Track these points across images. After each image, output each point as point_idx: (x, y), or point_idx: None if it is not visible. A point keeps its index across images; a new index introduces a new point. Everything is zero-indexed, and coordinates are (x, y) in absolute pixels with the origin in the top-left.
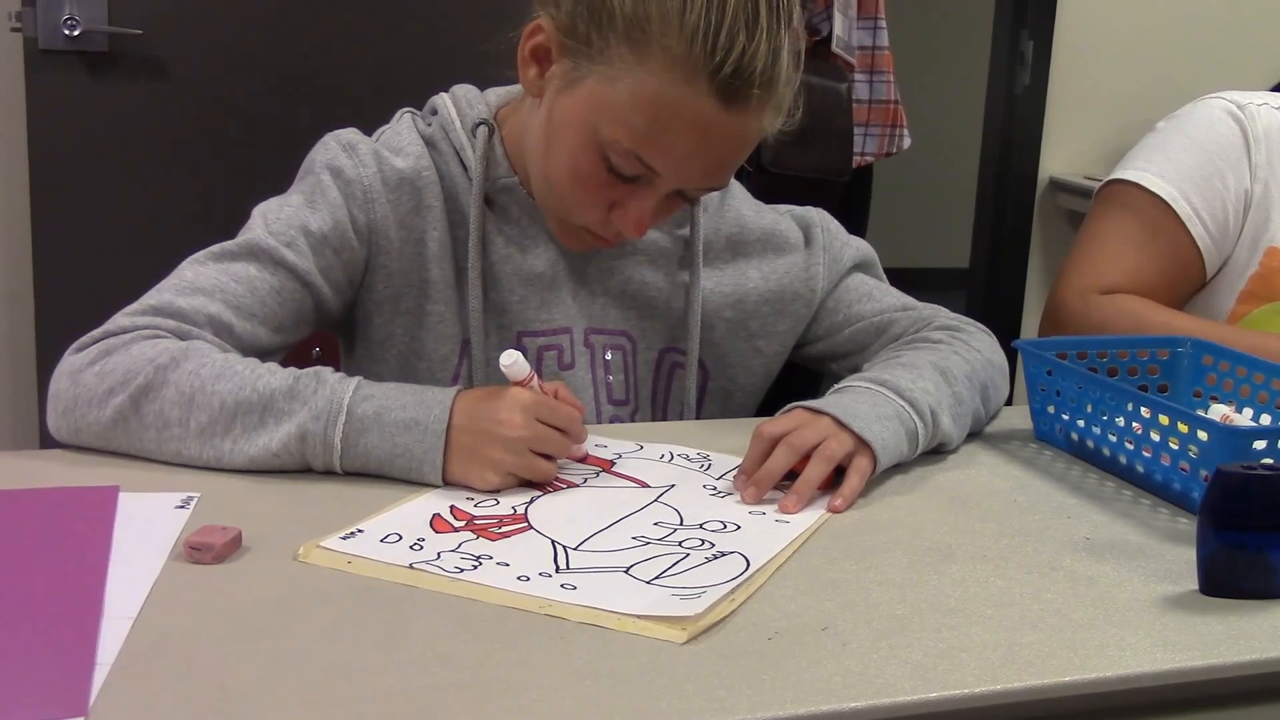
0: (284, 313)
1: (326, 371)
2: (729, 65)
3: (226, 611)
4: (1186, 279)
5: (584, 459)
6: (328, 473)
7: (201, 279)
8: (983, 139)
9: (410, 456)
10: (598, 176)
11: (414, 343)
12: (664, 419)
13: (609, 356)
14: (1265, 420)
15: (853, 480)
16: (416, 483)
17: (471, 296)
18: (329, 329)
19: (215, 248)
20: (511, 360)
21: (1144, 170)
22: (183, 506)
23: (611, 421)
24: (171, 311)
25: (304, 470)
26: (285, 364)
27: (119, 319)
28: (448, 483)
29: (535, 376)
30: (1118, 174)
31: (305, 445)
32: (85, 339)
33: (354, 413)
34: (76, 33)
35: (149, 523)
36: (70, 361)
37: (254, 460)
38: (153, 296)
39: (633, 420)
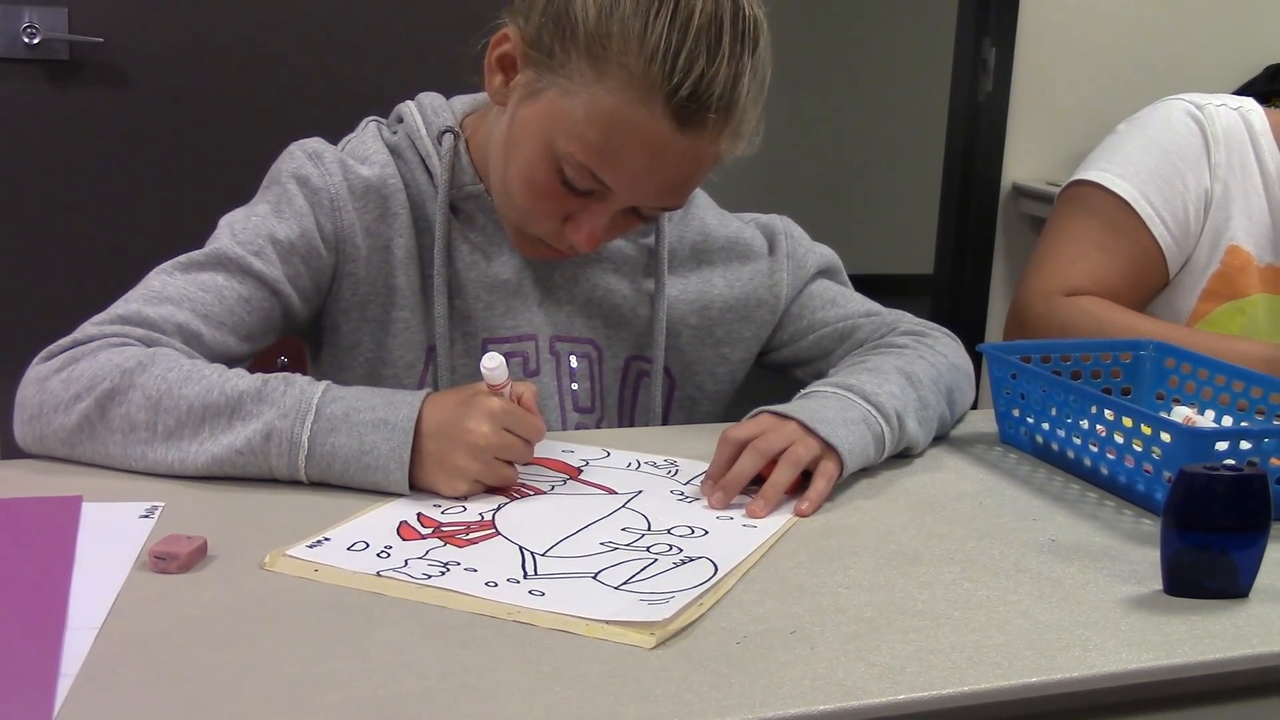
0: (252, 321)
1: (296, 375)
2: (686, 88)
3: (192, 621)
4: (1149, 279)
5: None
6: (291, 481)
7: (169, 288)
8: (946, 145)
9: (377, 454)
10: (552, 188)
11: (380, 350)
12: (631, 428)
13: (574, 364)
14: (1227, 422)
15: (819, 484)
16: (382, 487)
17: (437, 304)
18: (296, 335)
19: (182, 258)
20: (495, 364)
21: (1105, 171)
22: (147, 516)
23: (578, 429)
24: (140, 320)
25: (267, 478)
26: (251, 372)
27: (86, 328)
28: (416, 489)
29: (510, 384)
30: (1079, 175)
31: (270, 443)
32: (52, 347)
33: (323, 412)
34: (36, 41)
35: (113, 532)
36: (37, 369)
37: (216, 458)
38: (120, 306)
39: (599, 429)
